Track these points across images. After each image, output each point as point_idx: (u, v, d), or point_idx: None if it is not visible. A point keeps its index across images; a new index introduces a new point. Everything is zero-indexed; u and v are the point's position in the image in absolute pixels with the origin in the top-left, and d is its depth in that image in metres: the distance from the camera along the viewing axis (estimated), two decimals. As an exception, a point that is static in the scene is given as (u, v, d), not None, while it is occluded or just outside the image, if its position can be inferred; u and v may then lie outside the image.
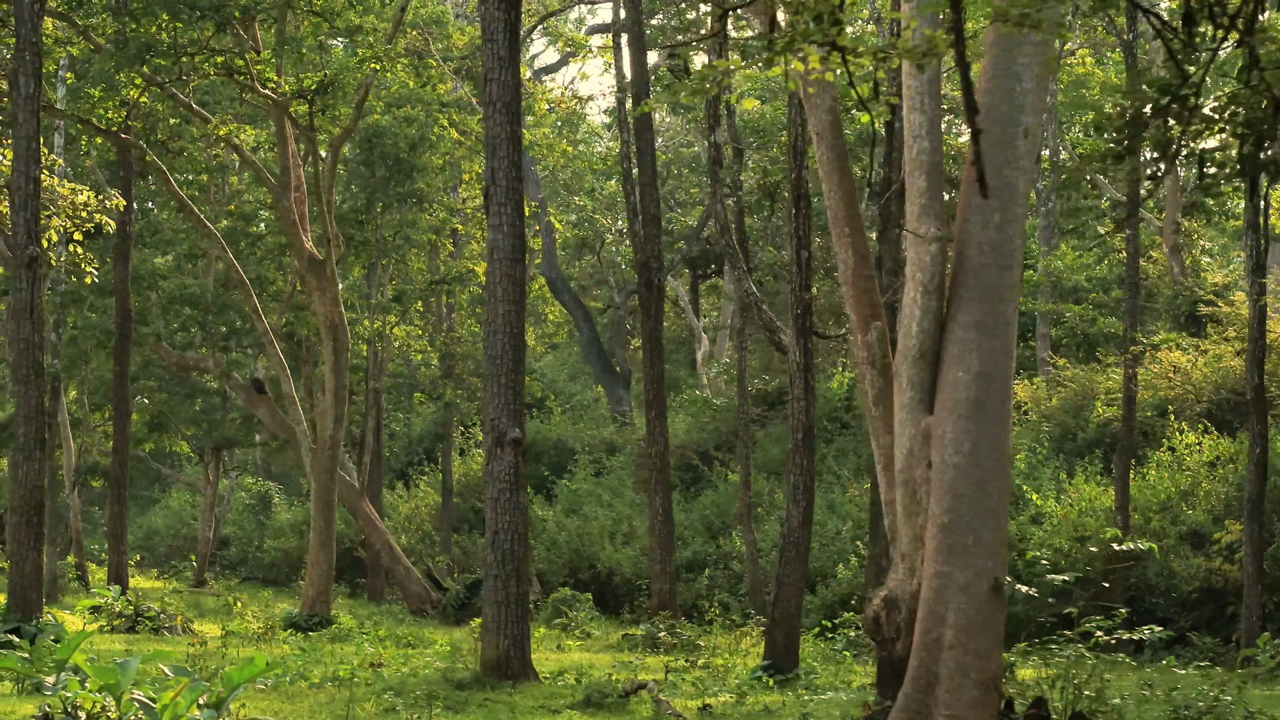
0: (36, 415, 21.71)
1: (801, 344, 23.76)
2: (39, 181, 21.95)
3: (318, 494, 33.33)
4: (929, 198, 14.43)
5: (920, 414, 14.48)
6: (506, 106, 19.95)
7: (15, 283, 21.78)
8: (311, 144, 32.24)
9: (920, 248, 14.48)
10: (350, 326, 43.42)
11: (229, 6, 29.11)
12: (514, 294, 20.04)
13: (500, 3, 19.92)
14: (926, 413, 14.46)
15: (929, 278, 14.44)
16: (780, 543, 24.60)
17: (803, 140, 24.01)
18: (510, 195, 20.01)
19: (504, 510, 19.97)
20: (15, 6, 21.89)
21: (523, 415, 20.17)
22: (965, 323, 14.13)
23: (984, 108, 13.79)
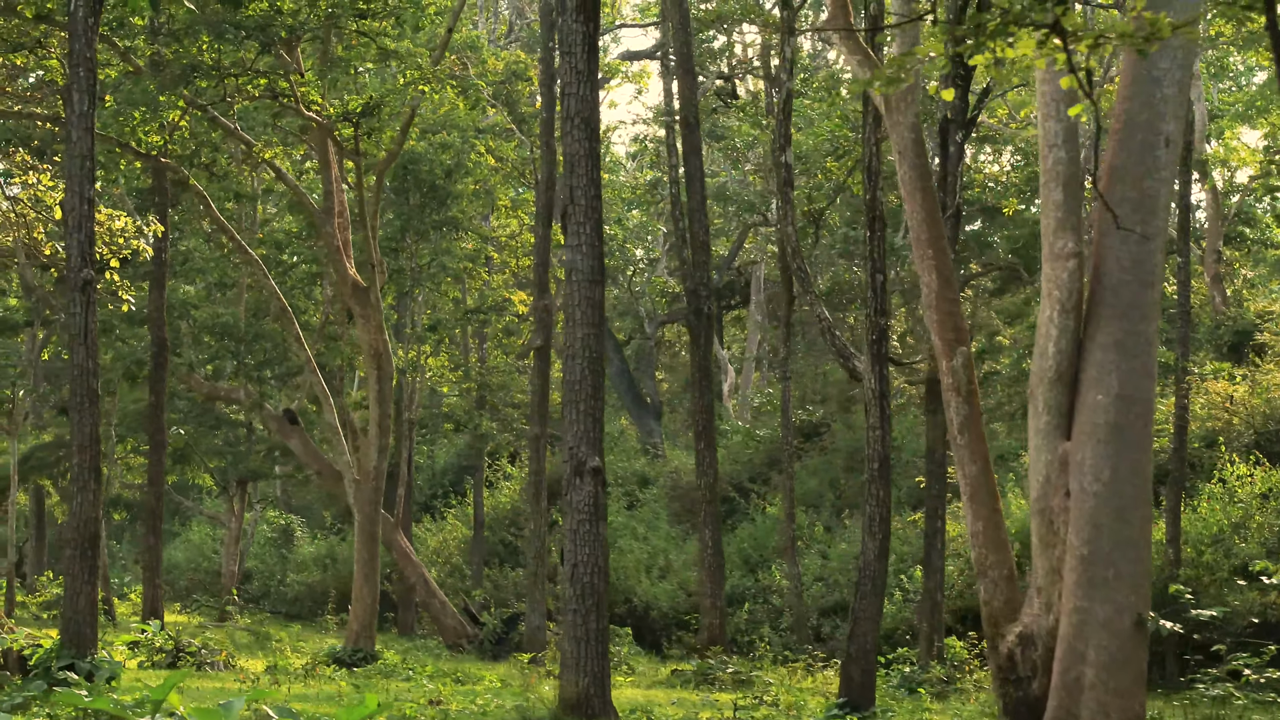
0: (91, 444, 20.92)
1: (877, 371, 22.97)
2: (93, 202, 21.18)
3: (361, 526, 32.51)
4: (1066, 211, 13.67)
5: (1057, 439, 13.70)
6: (585, 122, 19.18)
7: (70, 307, 20.98)
8: (356, 168, 31.47)
9: (1057, 264, 13.72)
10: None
11: (275, 27, 28.38)
12: (593, 317, 19.26)
13: (579, 15, 19.15)
14: (1064, 438, 13.68)
15: (1066, 295, 13.67)
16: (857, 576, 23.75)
17: (877, 160, 23.27)
18: (589, 214, 19.24)
19: (584, 542, 19.16)
20: (69, 21, 21.12)
21: (602, 443, 19.36)
22: (1104, 343, 13.37)
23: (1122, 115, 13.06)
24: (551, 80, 37.41)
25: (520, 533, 50.87)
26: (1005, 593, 19.66)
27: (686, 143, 32.95)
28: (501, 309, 43.81)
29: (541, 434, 37.47)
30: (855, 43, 21.41)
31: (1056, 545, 13.73)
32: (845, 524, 43.73)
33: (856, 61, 21.31)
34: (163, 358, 36.08)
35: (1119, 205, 11.77)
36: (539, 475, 37.33)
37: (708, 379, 34.06)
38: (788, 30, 24.46)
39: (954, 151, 30.56)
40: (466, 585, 48.67)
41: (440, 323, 43.64)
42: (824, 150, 39.31)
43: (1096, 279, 13.45)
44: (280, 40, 29.09)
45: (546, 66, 37.21)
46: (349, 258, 32.49)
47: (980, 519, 19.99)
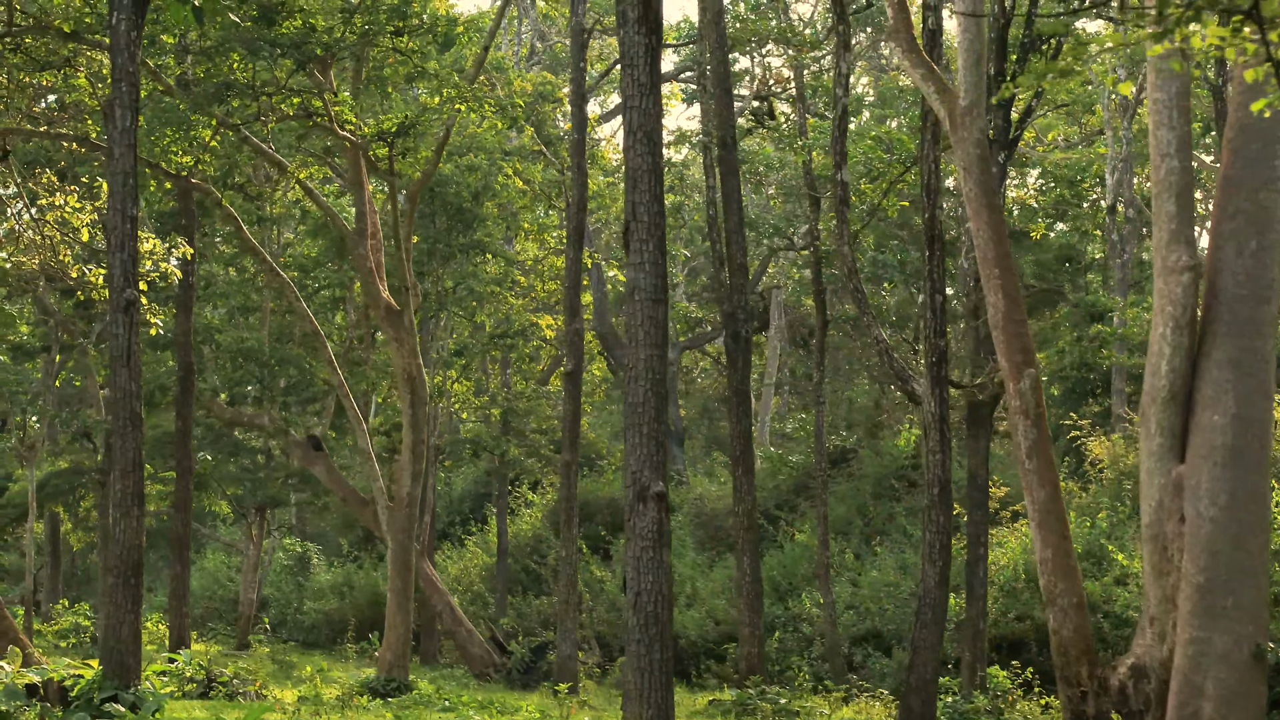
0: (134, 469, 20.33)
1: (937, 394, 22.40)
2: (136, 221, 20.60)
3: (395, 554, 31.89)
4: (1179, 223, 13.08)
5: (1171, 462, 13.10)
6: (648, 136, 18.58)
7: (112, 328, 20.40)
8: (391, 188, 30.90)
9: (1170, 278, 13.13)
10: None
11: (310, 44, 27.83)
12: (656, 337, 18.63)
13: (641, 26, 18.56)
14: (1177, 461, 13.08)
15: (1180, 311, 13.08)
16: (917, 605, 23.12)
17: (936, 178, 22.71)
18: (652, 231, 18.63)
19: (647, 570, 18.51)
20: (110, 35, 20.57)
21: (665, 468, 18.73)
22: (1220, 360, 12.79)
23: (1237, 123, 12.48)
24: (582, 100, 36.89)
25: (543, 560, 50.29)
26: (1075, 621, 19.10)
27: (724, 163, 32.38)
28: (528, 334, 43.20)
29: (572, 460, 36.88)
30: (919, 55, 20.88)
31: (1170, 573, 13.13)
32: (875, 551, 43.12)
33: (920, 75, 20.77)
34: (189, 383, 35.50)
35: (1233, 218, 11.20)
36: (570, 502, 36.74)
37: (746, 404, 33.45)
38: (844, 46, 23.90)
39: (996, 172, 30.10)
40: (490, 613, 48.05)
41: (466, 347, 43.05)
42: (857, 173, 38.73)
43: (1211, 294, 12.87)
44: (315, 58, 28.53)
45: (577, 86, 36.71)
46: (382, 280, 31.92)
47: (1049, 546, 19.43)
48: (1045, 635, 35.82)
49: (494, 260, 42.84)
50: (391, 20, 28.51)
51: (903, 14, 21.02)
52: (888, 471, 46.96)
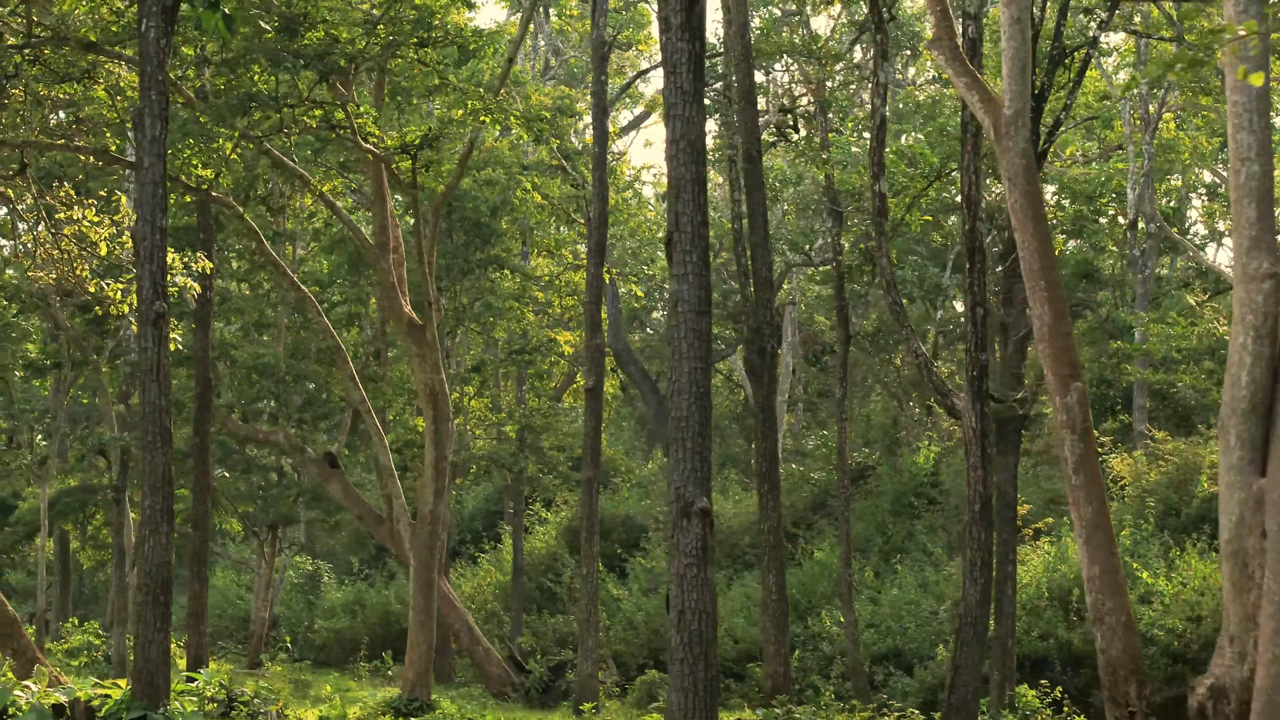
0: (164, 485, 19.95)
1: (977, 409, 22.01)
2: (165, 231, 20.22)
3: (418, 572, 31.48)
4: (1259, 229, 12.70)
5: (1251, 476, 12.71)
6: (691, 145, 18.24)
7: (141, 341, 20.04)
8: (414, 201, 30.53)
9: (1250, 286, 12.74)
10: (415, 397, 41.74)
11: (334, 55, 27.45)
12: (700, 350, 18.28)
13: (684, 33, 18.21)
14: (1258, 474, 12.70)
15: (1260, 320, 12.70)
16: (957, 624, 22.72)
17: (977, 189, 22.35)
18: (696, 242, 18.28)
19: (691, 588, 18.15)
20: (140, 43, 20.23)
21: (710, 483, 18.36)
22: (1303, 371, 12.39)
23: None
24: (603, 114, 36.57)
25: (558, 579, 49.88)
26: (1124, 640, 18.74)
27: (749, 177, 32.01)
28: (545, 350, 42.81)
29: (594, 476, 36.52)
30: (962, 64, 20.52)
31: (1251, 590, 12.75)
32: (896, 569, 42.72)
33: (964, 84, 20.41)
34: (207, 399, 35.10)
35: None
36: (591, 519, 36.38)
37: (771, 420, 33.07)
38: (882, 55, 23.54)
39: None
40: (505, 632, 47.65)
41: (484, 364, 42.66)
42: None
43: (1294, 301, 12.52)
44: (338, 70, 28.16)
45: (598, 100, 36.39)
46: (404, 295, 31.54)
47: (1097, 563, 19.08)
48: (1069, 654, 35.51)
49: (511, 276, 42.46)
50: (416, 31, 28.15)
51: (945, 22, 20.67)
52: (906, 489, 46.58)
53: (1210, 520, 37.15)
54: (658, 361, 65.97)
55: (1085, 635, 35.06)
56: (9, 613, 29.63)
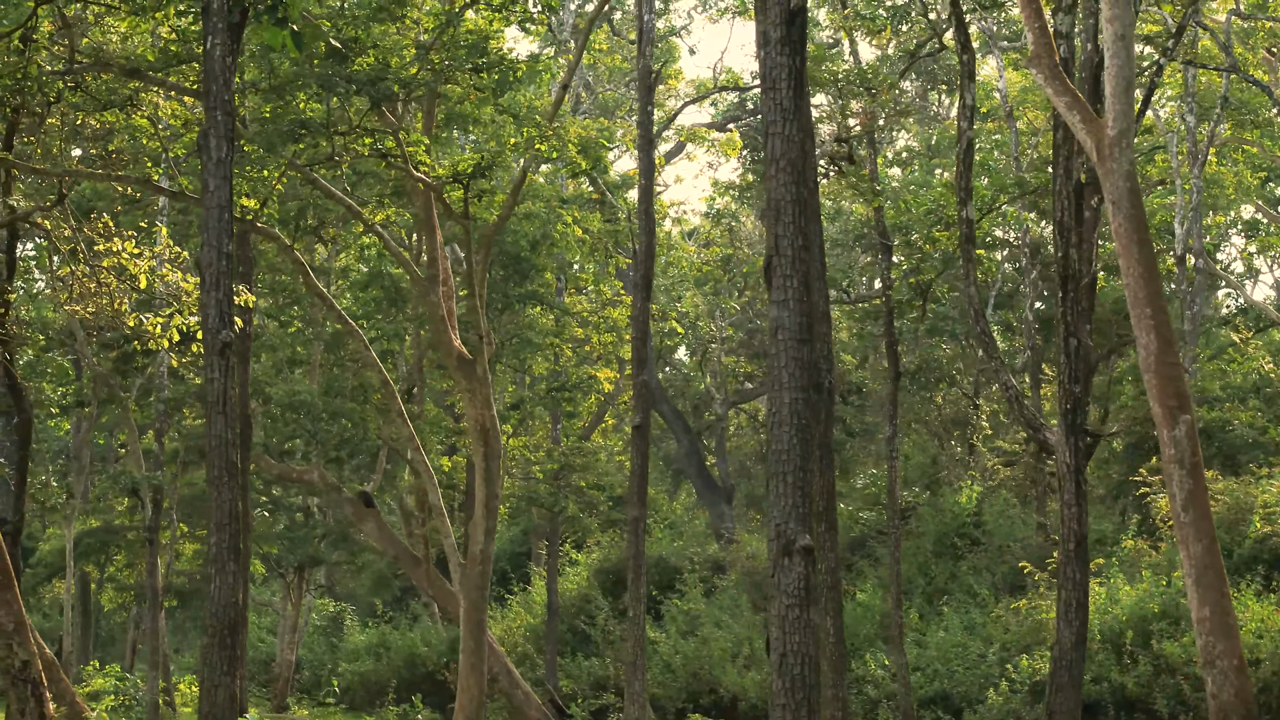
0: (231, 521, 19.05)
1: (1072, 443, 21.12)
2: (231, 257, 19.36)
3: (468, 613, 30.58)
4: None
5: None
6: (791, 164, 17.40)
7: (208, 372, 19.14)
8: (466, 231, 29.69)
9: None
10: (457, 436, 40.87)
11: (387, 80, 26.62)
12: (802, 379, 17.39)
13: (784, 47, 17.39)
14: None
15: None
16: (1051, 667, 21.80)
17: (1069, 214, 21.50)
18: (797, 266, 17.42)
19: (793, 629, 17.23)
20: (205, 61, 19.39)
21: (811, 519, 17.46)
22: None
23: None
24: (650, 145, 35.72)
25: (592, 621, 49.00)
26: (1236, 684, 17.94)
27: (806, 208, 31.09)
28: (586, 387, 41.91)
29: (640, 516, 35.55)
30: (1063, 83, 19.72)
31: None
32: (941, 611, 41.81)
33: (1065, 103, 19.61)
34: (246, 435, 34.07)
35: None
36: (639, 559, 35.39)
37: (829, 458, 32.07)
38: (968, 76, 22.73)
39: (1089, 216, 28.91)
40: (538, 675, 46.73)
41: (523, 401, 41.77)
42: (930, 220, 37.64)
43: None
44: (390, 96, 27.33)
45: (644, 130, 35.52)
46: (454, 328, 30.67)
47: (1207, 604, 18.20)
48: (1122, 698, 34.60)
49: (548, 311, 41.63)
50: (470, 57, 27.32)
51: (1044, 39, 19.87)
52: (949, 529, 45.71)
53: (1264, 560, 36.43)
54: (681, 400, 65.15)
55: (1138, 679, 34.26)
56: (48, 655, 28.76)
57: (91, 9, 27.66)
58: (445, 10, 27.46)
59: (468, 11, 27.57)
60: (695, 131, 47.08)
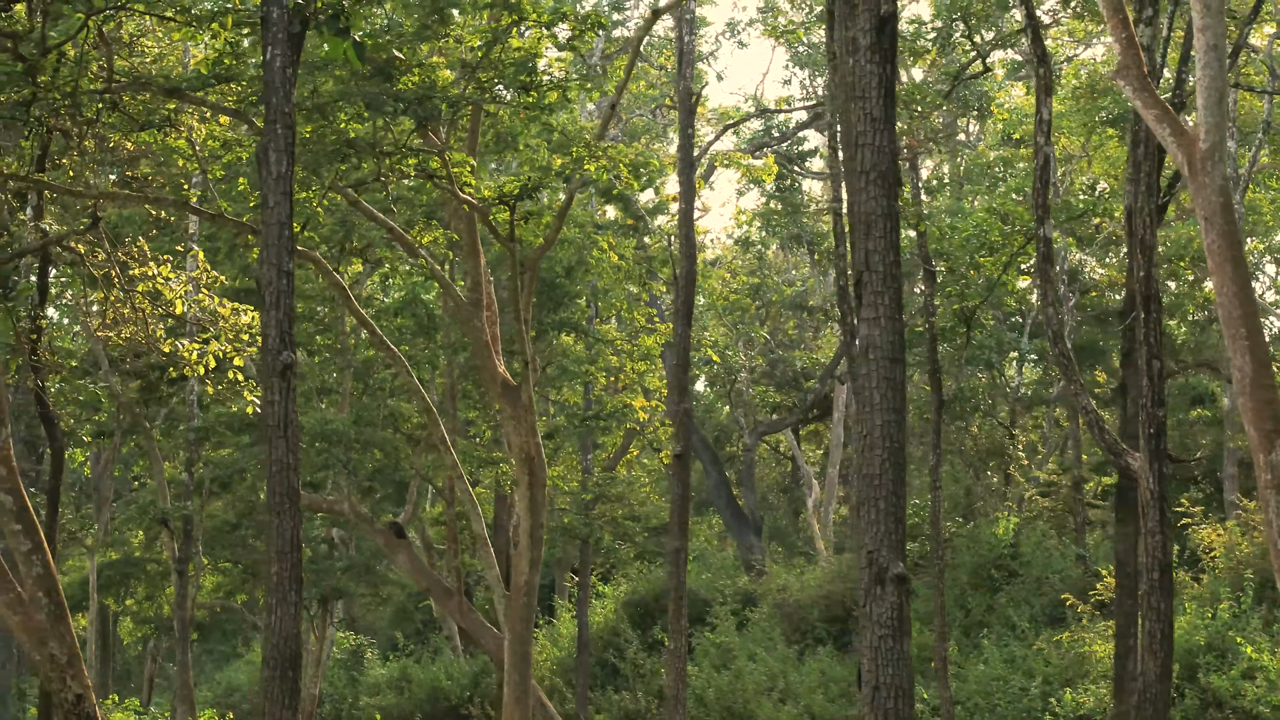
0: (292, 550, 18.34)
1: (1155, 469, 20.43)
2: (292, 276, 18.68)
3: (513, 646, 29.84)
4: None
5: None
6: (882, 176, 16.74)
7: (267, 395, 18.43)
8: (511, 254, 29.00)
9: None
10: (491, 466, 40.18)
11: (435, 99, 25.93)
12: (894, 401, 16.71)
13: (873, 54, 16.74)
14: None
15: None
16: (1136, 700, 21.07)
17: (1152, 233, 20.85)
18: (888, 283, 16.75)
19: (886, 661, 16.53)
20: (265, 72, 18.73)
21: (905, 547, 16.75)
22: None
23: None
24: (690, 168, 35.12)
25: (621, 654, 48.31)
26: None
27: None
28: (622, 416, 41.18)
29: (681, 546, 34.84)
30: (1151, 95, 19.06)
31: None
32: (980, 644, 41.10)
33: (1154, 116, 18.94)
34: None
35: None
36: (680, 590, 34.66)
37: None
38: (1044, 91, 22.08)
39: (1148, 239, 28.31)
40: (568, 709, 45.98)
41: (557, 430, 41.07)
42: (971, 246, 36.97)
43: None
44: (436, 115, 26.66)
45: (685, 153, 34.91)
46: (498, 354, 29.98)
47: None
48: (1177, 732, 34.06)
49: (582, 339, 40.94)
50: (518, 75, 26.66)
51: (1131, 50, 19.21)
52: (986, 561, 45.02)
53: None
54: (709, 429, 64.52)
55: (1185, 713, 33.80)
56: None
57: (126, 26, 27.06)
58: (491, 28, 26.77)
59: (514, 29, 26.88)
60: (731, 157, 46.36)
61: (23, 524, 18.80)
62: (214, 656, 70.10)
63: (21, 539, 18.85)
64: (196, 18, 20.37)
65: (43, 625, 19.27)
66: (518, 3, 27.00)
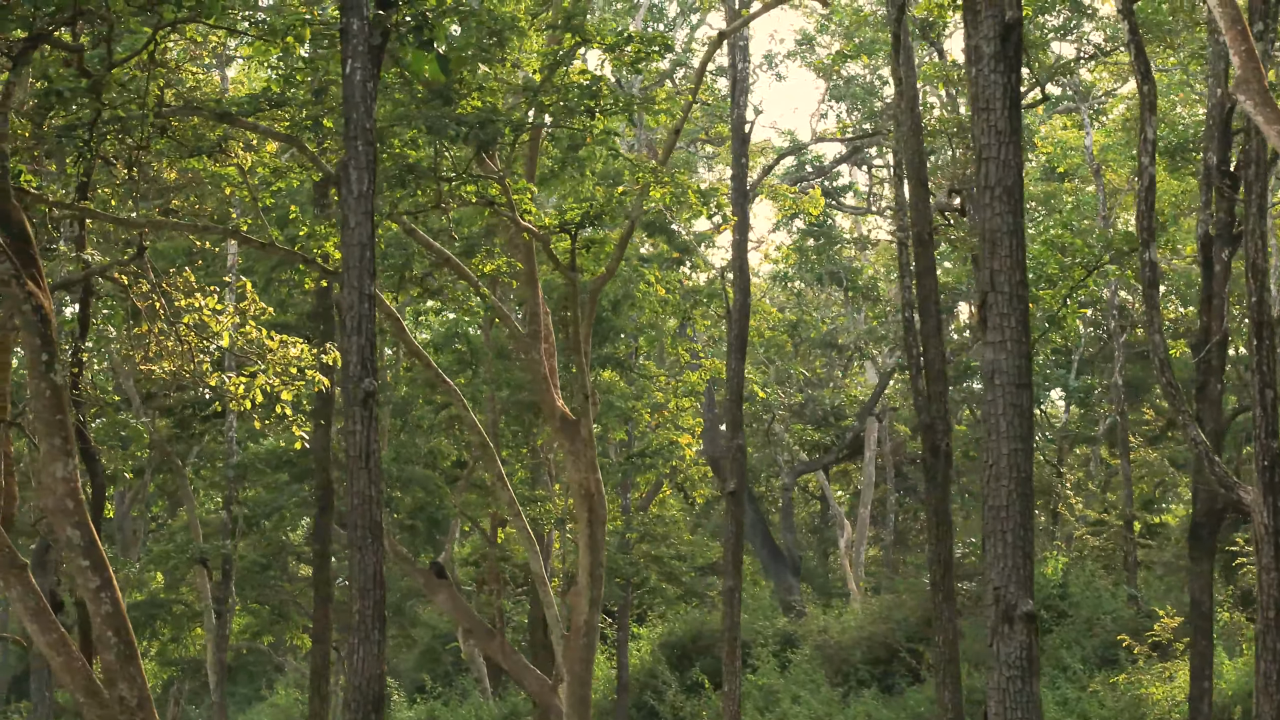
0: (375, 587, 17.44)
1: (1270, 503, 19.51)
2: (374, 300, 17.80)
3: (572, 688, 28.91)
4: None
5: None
6: (1008, 192, 15.89)
7: (349, 424, 17.54)
8: (572, 284, 28.12)
9: None
10: (535, 504, 39.30)
11: (498, 122, 25.05)
12: (1021, 429, 15.83)
13: (998, 64, 15.91)
14: None
15: None
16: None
17: (1264, 257, 19.96)
18: (1015, 305, 15.89)
19: (1015, 703, 15.66)
20: (344, 85, 17.88)
21: (1033, 583, 15.85)
22: None
23: None
24: (744, 198, 34.37)
25: (660, 697, 47.34)
26: None
27: (920, 261, 29.59)
28: (668, 454, 40.24)
29: (736, 585, 33.95)
30: (1274, 109, 18.14)
31: None
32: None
33: (1277, 132, 18.01)
34: (328, 503, 32.53)
35: None
36: (734, 630, 33.80)
37: (946, 525, 30.41)
38: (1149, 109, 21.22)
39: (1220, 270, 27.48)
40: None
41: (603, 468, 40.12)
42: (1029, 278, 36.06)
43: None
44: (496, 140, 25.78)
45: (738, 184, 34.15)
46: (556, 387, 29.08)
47: None
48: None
49: (628, 374, 40.06)
50: (583, 99, 25.80)
51: (1251, 63, 18.31)
52: (1035, 601, 44.03)
53: None
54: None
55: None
56: None
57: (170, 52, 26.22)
58: (552, 51, 25.93)
59: (577, 51, 26.07)
60: (777, 189, 45.51)
61: (91, 560, 17.91)
62: (236, 699, 68.97)
63: (90, 575, 17.96)
64: (272, 30, 19.46)
65: (111, 666, 18.33)
66: (580, 24, 26.22)
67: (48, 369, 18.15)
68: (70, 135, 24.02)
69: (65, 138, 24.00)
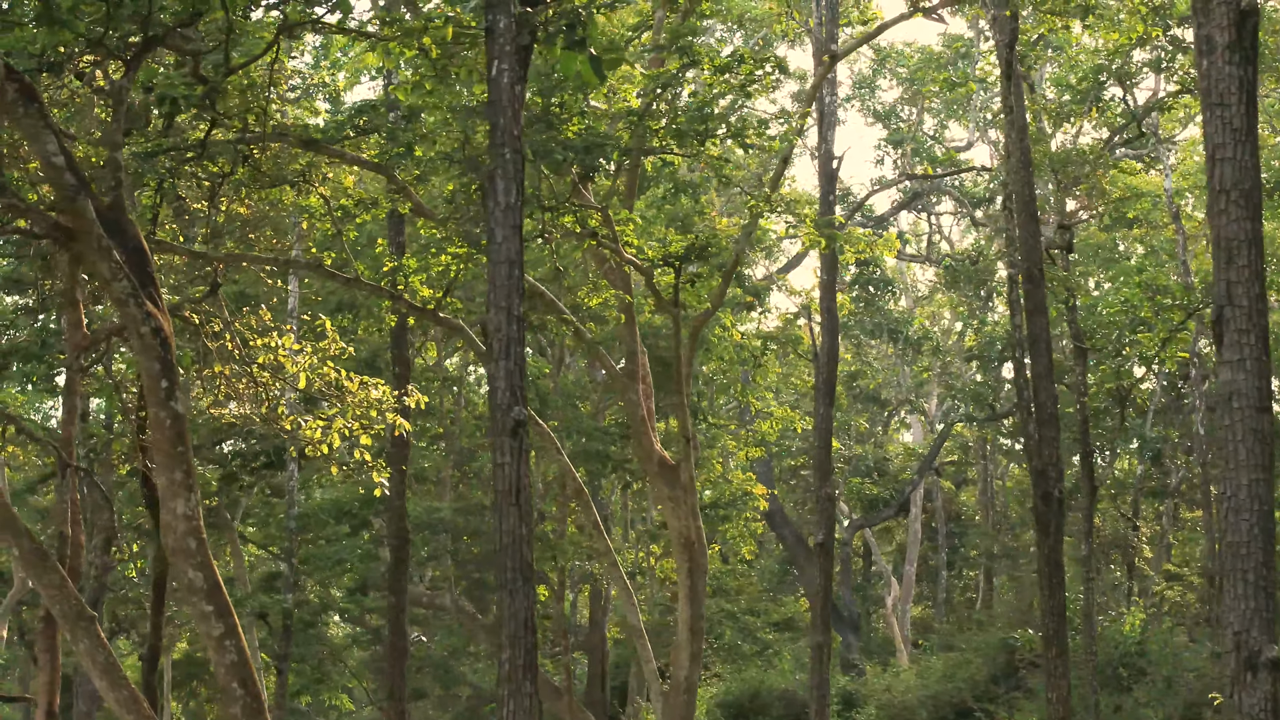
0: (526, 634, 15.87)
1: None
2: (523, 322, 16.28)
3: (673, 750, 27.32)
4: None
5: None
6: (1245, 196, 14.42)
7: (497, 456, 16.00)
8: (675, 321, 26.64)
9: None
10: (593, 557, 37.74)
11: (607, 146, 23.61)
12: (1262, 457, 14.28)
13: (1233, 54, 14.47)
14: None
15: None
16: None
17: None
18: (1255, 319, 14.38)
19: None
20: (490, 89, 16.41)
21: (1274, 626, 14.30)
22: None
23: None
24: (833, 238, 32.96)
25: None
26: None
27: (1030, 299, 28.17)
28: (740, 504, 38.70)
29: (825, 641, 32.48)
30: None
31: None
32: (1112, 748, 38.64)
33: None
34: (403, 553, 30.92)
35: None
36: (823, 689, 32.39)
37: (1059, 576, 28.95)
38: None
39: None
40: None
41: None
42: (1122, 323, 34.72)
43: None
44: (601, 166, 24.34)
45: (825, 211, 32.71)
46: (654, 429, 27.56)
47: None
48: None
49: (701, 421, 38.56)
50: (694, 124, 24.36)
51: None
52: (1112, 659, 42.49)
53: None
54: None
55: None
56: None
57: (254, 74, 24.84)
58: (661, 73, 24.49)
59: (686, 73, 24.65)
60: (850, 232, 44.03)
61: (215, 605, 16.33)
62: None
63: (214, 622, 16.36)
64: (408, 31, 17.99)
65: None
66: (688, 45, 24.85)
67: (168, 396, 16.61)
68: (150, 161, 22.67)
69: (144, 165, 22.66)
